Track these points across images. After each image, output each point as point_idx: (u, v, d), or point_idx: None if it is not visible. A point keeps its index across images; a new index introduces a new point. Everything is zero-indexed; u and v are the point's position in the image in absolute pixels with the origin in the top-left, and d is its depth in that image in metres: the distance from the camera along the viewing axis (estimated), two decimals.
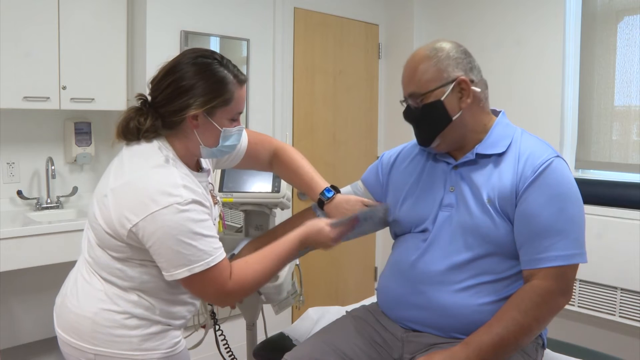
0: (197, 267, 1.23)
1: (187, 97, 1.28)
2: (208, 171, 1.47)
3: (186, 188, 1.26)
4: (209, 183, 1.46)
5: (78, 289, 1.35)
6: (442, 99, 1.37)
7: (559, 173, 1.33)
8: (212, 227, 1.30)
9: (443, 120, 1.38)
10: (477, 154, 1.40)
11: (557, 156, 1.35)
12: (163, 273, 1.27)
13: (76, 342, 1.32)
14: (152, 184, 1.24)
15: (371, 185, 1.61)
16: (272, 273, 1.37)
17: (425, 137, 1.43)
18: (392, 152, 1.64)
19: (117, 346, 1.30)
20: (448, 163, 1.44)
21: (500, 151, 1.38)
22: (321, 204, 1.57)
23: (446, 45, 1.41)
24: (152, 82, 1.34)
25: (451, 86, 1.37)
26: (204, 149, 1.35)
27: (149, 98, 1.34)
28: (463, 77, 1.38)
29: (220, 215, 1.50)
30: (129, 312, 1.31)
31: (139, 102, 1.35)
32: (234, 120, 1.36)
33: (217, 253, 1.27)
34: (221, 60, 1.33)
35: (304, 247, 1.42)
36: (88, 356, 1.31)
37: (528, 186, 1.31)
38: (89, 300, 1.32)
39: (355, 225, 1.46)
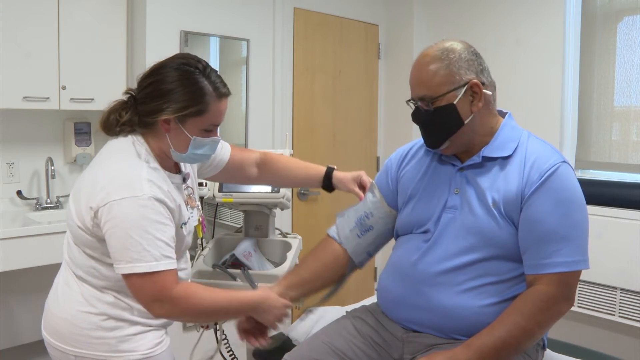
0: (139, 267, 1.22)
1: (161, 101, 1.29)
2: (187, 175, 1.46)
3: (150, 183, 1.26)
4: (188, 187, 1.45)
5: (58, 291, 1.37)
6: (455, 102, 1.34)
7: (565, 179, 1.32)
8: (168, 233, 1.27)
9: (455, 124, 1.36)
10: (483, 157, 1.38)
11: (564, 161, 1.34)
12: (114, 265, 1.26)
13: (58, 344, 1.33)
14: (116, 174, 1.26)
15: (384, 194, 1.58)
16: (214, 313, 1.37)
17: (434, 140, 1.41)
18: (398, 154, 1.60)
19: (95, 348, 1.30)
20: (454, 165, 1.43)
21: (506, 154, 1.37)
22: (329, 174, 1.65)
23: (457, 46, 1.37)
24: (138, 79, 1.36)
25: (463, 89, 1.34)
26: (174, 153, 1.35)
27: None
28: (475, 81, 1.35)
29: (199, 220, 1.51)
30: (106, 313, 1.31)
31: (126, 96, 1.37)
32: (208, 131, 1.34)
33: (164, 261, 1.24)
34: (203, 70, 1.32)
35: (250, 313, 1.41)
36: (70, 358, 1.32)
37: (534, 191, 1.30)
38: (67, 303, 1.33)
39: None
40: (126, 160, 1.30)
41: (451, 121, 1.35)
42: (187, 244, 1.44)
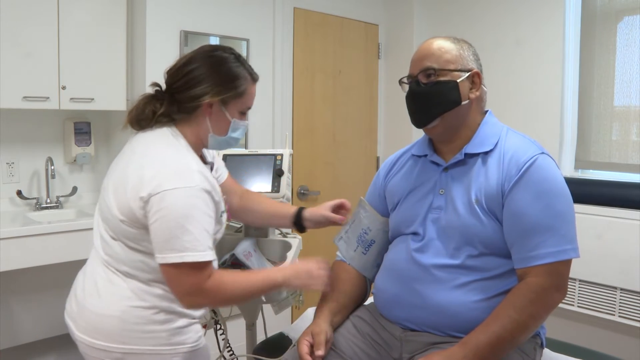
0: (189, 257, 1.24)
1: (204, 86, 1.36)
2: (212, 165, 1.52)
3: (200, 174, 1.30)
4: (213, 177, 1.48)
5: (99, 289, 1.35)
6: (458, 81, 1.39)
7: (543, 170, 1.33)
8: (212, 226, 1.31)
9: (453, 100, 1.39)
10: (466, 154, 1.41)
11: (542, 153, 1.36)
12: (155, 255, 1.26)
13: (102, 343, 1.32)
14: (166, 164, 1.29)
15: (375, 205, 1.60)
16: (247, 296, 1.40)
17: (425, 115, 1.42)
18: (385, 164, 1.64)
19: (146, 342, 1.31)
20: (438, 165, 1.45)
21: (487, 149, 1.39)
22: (299, 213, 1.65)
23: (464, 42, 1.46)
24: (169, 71, 1.41)
25: (467, 74, 1.40)
26: (212, 138, 1.41)
27: (164, 86, 1.41)
28: (477, 71, 1.42)
29: (225, 208, 1.53)
30: (157, 306, 1.32)
31: (154, 90, 1.41)
32: (243, 114, 1.44)
33: (210, 252, 1.28)
34: (238, 57, 1.43)
35: (287, 285, 1.41)
36: (115, 356, 1.31)
37: (513, 185, 1.32)
38: (114, 300, 1.33)
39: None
40: (172, 151, 1.33)
41: (449, 97, 1.39)
42: (221, 234, 1.46)
